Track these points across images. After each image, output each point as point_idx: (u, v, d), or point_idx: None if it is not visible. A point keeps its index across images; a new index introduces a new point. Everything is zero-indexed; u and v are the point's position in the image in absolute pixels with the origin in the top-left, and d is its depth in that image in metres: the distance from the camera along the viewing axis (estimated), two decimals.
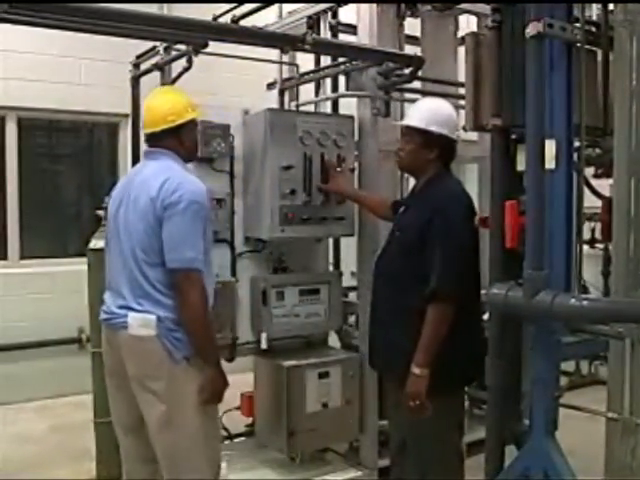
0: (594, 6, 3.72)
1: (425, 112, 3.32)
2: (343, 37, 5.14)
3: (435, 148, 3.26)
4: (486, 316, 3.45)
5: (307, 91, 5.46)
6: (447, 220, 3.09)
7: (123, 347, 3.13)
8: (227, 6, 4.99)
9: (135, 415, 3.19)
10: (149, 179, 3.11)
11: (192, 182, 3.09)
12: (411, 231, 3.22)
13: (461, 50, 4.41)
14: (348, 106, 4.88)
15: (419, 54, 4.76)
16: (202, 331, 3.03)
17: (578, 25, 2.92)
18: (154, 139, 3.25)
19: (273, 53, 5.10)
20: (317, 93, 5.33)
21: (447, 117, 3.28)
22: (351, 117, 4.52)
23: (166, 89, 3.54)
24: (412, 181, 4.28)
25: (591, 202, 3.77)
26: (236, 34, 4.03)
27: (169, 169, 3.12)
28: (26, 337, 6.63)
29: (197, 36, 3.96)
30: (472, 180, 5.59)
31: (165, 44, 4.44)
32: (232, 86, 6.91)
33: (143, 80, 4.90)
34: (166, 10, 6.76)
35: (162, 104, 3.25)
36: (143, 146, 3.44)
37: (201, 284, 3.00)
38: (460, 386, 3.37)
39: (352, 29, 4.95)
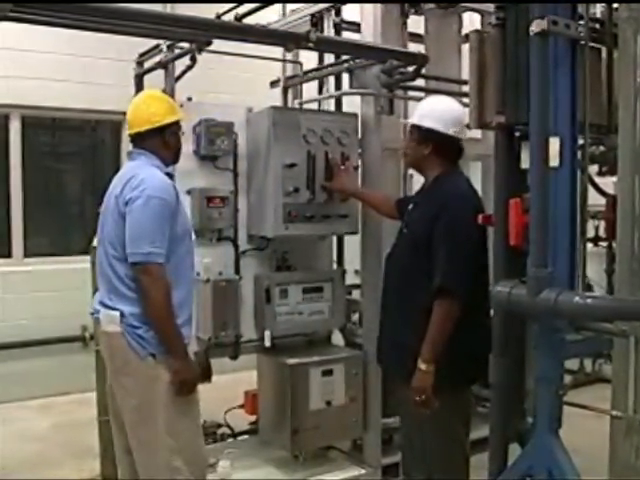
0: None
1: (422, 109, 3.41)
2: (346, 35, 5.13)
3: (429, 143, 3.32)
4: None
5: (310, 89, 5.45)
6: (452, 217, 3.13)
7: (100, 342, 3.30)
8: (229, 5, 4.98)
9: (117, 406, 3.29)
10: (120, 178, 3.23)
11: (156, 179, 3.14)
12: (418, 228, 3.26)
13: (465, 48, 4.40)
14: (351, 104, 4.88)
15: (423, 52, 4.74)
16: (164, 324, 3.06)
17: (582, 22, 2.92)
18: (138, 140, 3.32)
19: (276, 51, 5.09)
20: (320, 91, 5.32)
21: (442, 112, 3.33)
22: (354, 115, 4.52)
23: (152, 91, 3.60)
24: (416, 179, 4.29)
25: (595, 200, 3.77)
26: (239, 32, 4.03)
27: (139, 168, 3.20)
28: (29, 335, 6.64)
29: (201, 34, 3.95)
30: (476, 178, 5.58)
31: (169, 42, 4.44)
32: (235, 84, 6.91)
33: (147, 78, 4.90)
34: (169, 9, 6.76)
35: (147, 106, 3.33)
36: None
37: (161, 278, 3.04)
38: (466, 383, 3.37)
39: (356, 27, 4.94)
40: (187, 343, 3.21)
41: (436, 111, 3.35)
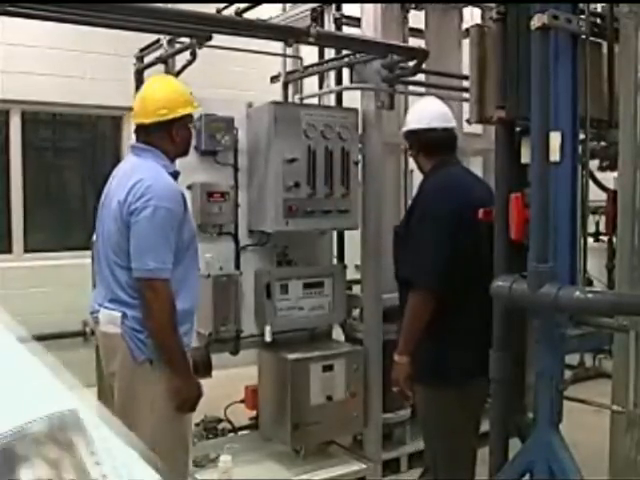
0: None
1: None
2: (347, 30, 5.12)
3: (413, 145, 3.48)
4: None
5: (311, 84, 5.45)
6: (421, 212, 3.24)
7: (98, 341, 3.21)
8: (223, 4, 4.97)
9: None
10: (123, 179, 3.01)
11: (163, 186, 2.93)
12: (406, 226, 3.37)
13: (465, 42, 4.39)
14: (352, 99, 4.87)
15: (423, 47, 4.74)
16: (167, 341, 2.93)
17: (583, 17, 2.91)
18: (143, 131, 3.09)
19: (277, 46, 5.09)
20: (321, 86, 5.32)
21: (413, 113, 3.50)
22: (355, 110, 4.52)
23: (163, 78, 3.37)
24: (416, 174, 4.29)
25: (596, 195, 3.76)
26: (240, 26, 4.03)
27: (145, 169, 2.98)
28: (29, 331, 6.61)
29: (201, 29, 3.95)
30: (477, 173, 5.58)
31: (169, 37, 4.44)
32: (236, 79, 6.90)
33: (147, 73, 4.89)
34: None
35: (156, 95, 3.07)
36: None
37: (165, 293, 2.89)
38: (463, 380, 3.37)
39: (356, 21, 4.94)
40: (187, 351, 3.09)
41: (409, 114, 3.53)
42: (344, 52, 4.78)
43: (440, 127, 3.41)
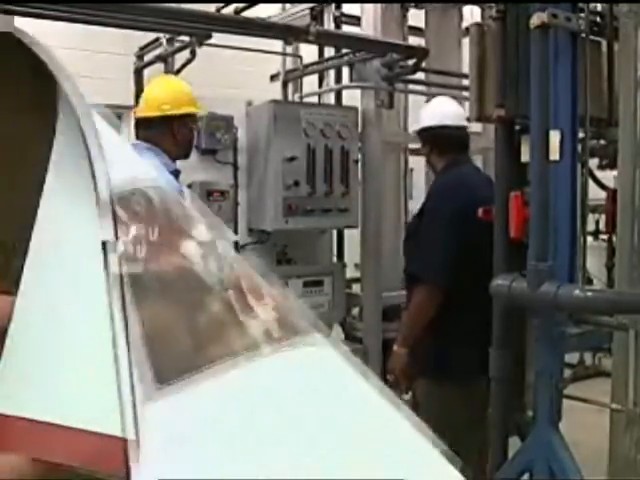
0: None
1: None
2: (347, 28, 5.12)
3: (426, 142, 3.49)
4: None
5: (311, 82, 5.44)
6: (429, 211, 3.30)
7: None
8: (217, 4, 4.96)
9: None
10: None
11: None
12: (417, 223, 3.42)
13: (465, 41, 4.39)
14: (352, 97, 4.87)
15: (423, 45, 4.74)
16: None
17: (583, 15, 2.91)
18: (145, 127, 3.11)
19: (276, 44, 5.08)
20: (321, 84, 5.32)
21: (425, 111, 3.54)
22: (355, 108, 4.52)
23: (169, 78, 3.47)
24: (416, 174, 4.29)
25: (595, 194, 3.76)
26: (240, 25, 4.03)
27: None
28: None
29: (201, 27, 3.95)
30: None
31: (168, 35, 4.43)
32: (235, 78, 6.89)
33: (146, 72, 4.89)
34: None
35: (160, 92, 3.15)
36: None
37: None
38: (466, 377, 3.36)
39: (356, 20, 4.93)
40: None
41: (422, 113, 3.56)
42: (344, 51, 4.77)
43: (453, 125, 3.43)
